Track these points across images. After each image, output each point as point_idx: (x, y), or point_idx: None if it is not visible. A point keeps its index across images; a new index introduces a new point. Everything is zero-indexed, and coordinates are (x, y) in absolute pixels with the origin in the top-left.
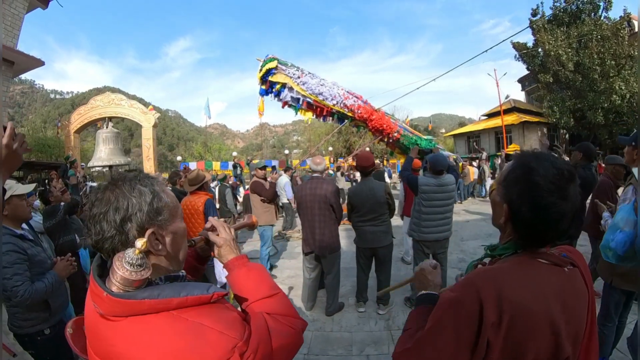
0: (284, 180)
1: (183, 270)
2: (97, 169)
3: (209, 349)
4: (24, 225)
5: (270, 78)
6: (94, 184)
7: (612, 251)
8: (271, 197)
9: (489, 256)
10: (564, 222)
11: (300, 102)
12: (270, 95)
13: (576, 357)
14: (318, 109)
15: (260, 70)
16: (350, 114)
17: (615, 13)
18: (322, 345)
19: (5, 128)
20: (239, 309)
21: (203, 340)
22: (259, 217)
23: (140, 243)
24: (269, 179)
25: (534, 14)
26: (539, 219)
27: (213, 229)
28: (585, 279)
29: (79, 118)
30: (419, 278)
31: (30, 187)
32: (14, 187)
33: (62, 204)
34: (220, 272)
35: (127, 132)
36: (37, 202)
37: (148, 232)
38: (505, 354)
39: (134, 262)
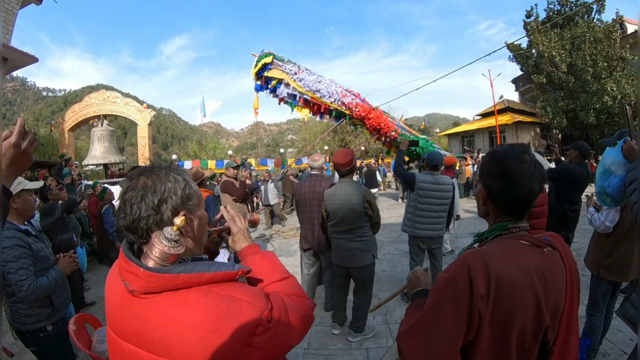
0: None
1: (205, 254)
2: (91, 167)
3: (241, 317)
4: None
5: (266, 74)
6: (89, 182)
7: (609, 197)
8: (242, 196)
9: (477, 242)
10: (526, 182)
11: (297, 99)
12: (265, 91)
13: (555, 328)
14: (315, 106)
15: (256, 65)
16: (347, 112)
17: (607, 16)
18: (322, 340)
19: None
20: None
21: (235, 309)
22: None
23: (179, 220)
24: (240, 178)
25: (528, 16)
26: (506, 184)
27: (222, 220)
28: (564, 260)
29: (73, 116)
30: (412, 280)
31: (39, 184)
32: (24, 182)
33: (60, 202)
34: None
35: (121, 130)
36: (37, 201)
37: (181, 213)
38: (495, 323)
39: (172, 237)
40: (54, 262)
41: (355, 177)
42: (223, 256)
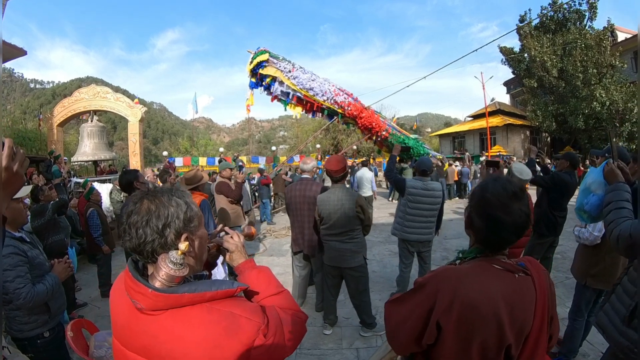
0: (368, 174)
1: (205, 270)
2: (80, 163)
3: (240, 333)
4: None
5: (260, 71)
6: (80, 180)
7: (586, 213)
8: (238, 197)
9: (459, 259)
10: (505, 231)
11: (290, 97)
12: (260, 88)
13: (519, 346)
14: (308, 104)
15: (251, 62)
16: (340, 111)
17: (599, 23)
18: (313, 340)
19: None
20: None
21: (235, 325)
22: (225, 219)
23: (183, 246)
24: (234, 179)
25: (522, 20)
26: (485, 227)
27: (220, 234)
28: (535, 286)
29: (62, 110)
30: None
31: (26, 190)
32: None
33: (51, 203)
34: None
35: (111, 124)
36: (27, 200)
37: (184, 236)
38: (458, 334)
39: (177, 261)
40: (49, 267)
41: None
42: (218, 269)
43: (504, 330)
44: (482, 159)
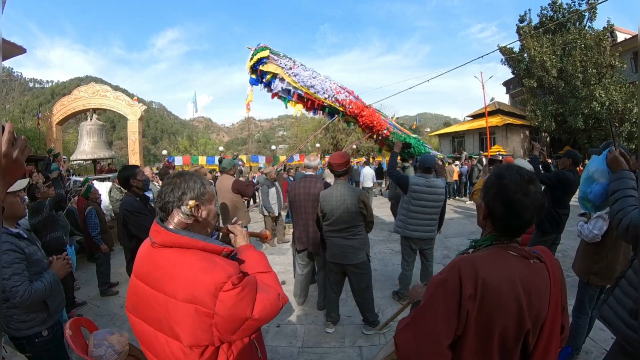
0: (371, 170)
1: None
2: (79, 161)
3: (215, 274)
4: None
5: (261, 67)
6: (80, 179)
7: (590, 202)
8: (251, 196)
9: (472, 247)
10: (527, 213)
11: (291, 94)
12: (260, 85)
13: (536, 334)
14: (309, 101)
15: (251, 59)
16: (341, 109)
17: (598, 24)
18: (315, 339)
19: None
20: None
21: (214, 266)
22: (225, 214)
23: (192, 202)
24: (251, 177)
25: (522, 20)
26: (508, 212)
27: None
28: (549, 273)
29: (61, 109)
30: (412, 293)
31: (23, 183)
32: None
33: (48, 199)
34: None
35: (110, 124)
36: (25, 198)
37: (193, 201)
38: (479, 323)
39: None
40: (47, 264)
41: None
42: None
43: (523, 314)
44: (479, 158)
